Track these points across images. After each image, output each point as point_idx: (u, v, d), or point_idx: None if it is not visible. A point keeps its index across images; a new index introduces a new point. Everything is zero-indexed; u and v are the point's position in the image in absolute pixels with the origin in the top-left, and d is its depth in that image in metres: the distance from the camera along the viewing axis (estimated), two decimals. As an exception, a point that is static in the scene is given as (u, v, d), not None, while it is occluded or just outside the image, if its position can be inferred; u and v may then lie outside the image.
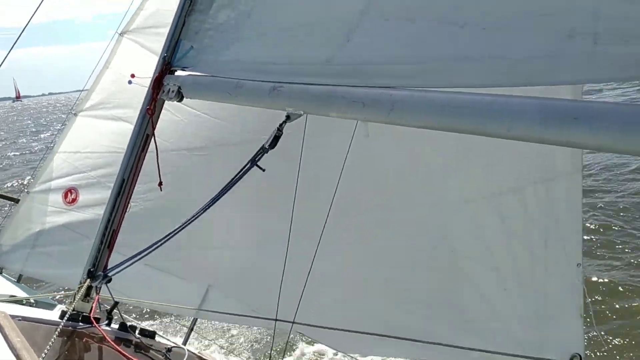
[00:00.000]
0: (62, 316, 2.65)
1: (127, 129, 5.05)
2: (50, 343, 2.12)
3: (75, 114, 5.23)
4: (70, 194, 5.01)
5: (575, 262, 2.96)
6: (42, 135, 39.98)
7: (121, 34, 5.31)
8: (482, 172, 3.13)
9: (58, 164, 5.12)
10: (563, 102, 1.39)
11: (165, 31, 5.02)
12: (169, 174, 3.89)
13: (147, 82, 5.12)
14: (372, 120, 1.95)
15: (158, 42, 5.14)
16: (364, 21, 2.18)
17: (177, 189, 4.51)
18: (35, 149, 31.53)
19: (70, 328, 2.67)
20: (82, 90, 5.98)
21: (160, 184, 3.04)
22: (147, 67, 5.11)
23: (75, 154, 5.12)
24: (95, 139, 5.14)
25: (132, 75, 5.18)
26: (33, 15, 4.03)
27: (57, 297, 5.10)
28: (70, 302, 3.00)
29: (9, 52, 4.31)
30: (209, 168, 4.53)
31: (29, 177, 5.64)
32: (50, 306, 3.75)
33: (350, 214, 3.51)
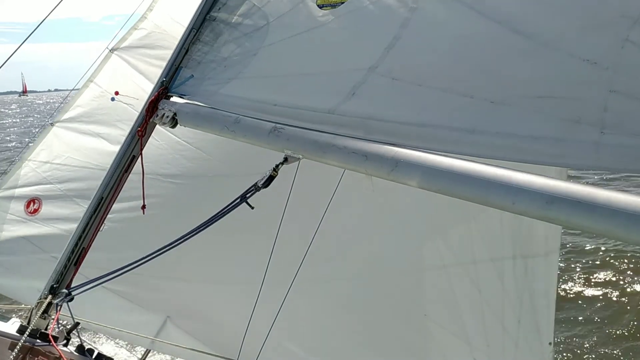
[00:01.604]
0: (20, 331, 2.53)
1: (102, 146, 5.00)
2: (10, 358, 2.02)
3: (52, 124, 5.13)
4: (32, 204, 4.86)
5: (547, 341, 3.00)
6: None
7: (111, 50, 5.28)
8: (462, 239, 3.18)
9: (26, 171, 4.97)
10: (571, 186, 1.45)
11: (156, 53, 5.12)
12: (140, 197, 3.83)
13: (131, 101, 5.13)
14: (373, 175, 1.98)
15: (147, 64, 5.17)
16: (372, 78, 2.23)
17: (146, 214, 4.43)
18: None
19: (28, 344, 2.55)
20: (73, 90, 5.87)
21: (143, 206, 2.98)
22: (133, 86, 5.14)
23: (45, 164, 4.99)
24: (68, 152, 5.03)
25: (116, 93, 5.17)
26: (52, 11, 3.99)
27: (3, 310, 4.87)
28: (27, 316, 2.87)
29: (20, 45, 4.22)
30: (182, 197, 4.48)
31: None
32: (3, 318, 3.58)
33: (325, 264, 3.50)
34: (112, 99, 5.14)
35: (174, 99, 2.93)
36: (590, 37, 1.81)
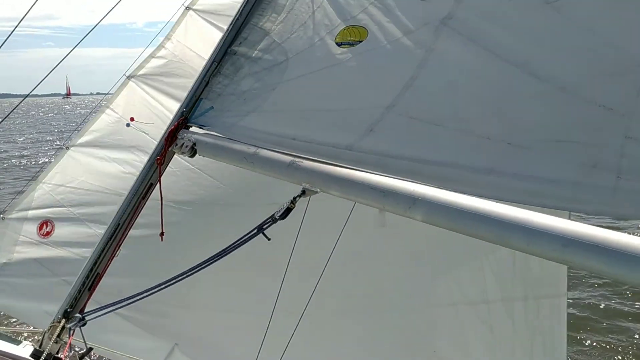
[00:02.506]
0: (35, 355, 2.55)
1: (116, 171, 5.07)
2: None
3: (67, 148, 5.20)
4: (45, 227, 4.91)
5: None
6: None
7: (128, 77, 5.40)
8: (474, 277, 3.19)
9: (40, 194, 5.04)
10: (588, 229, 1.48)
11: (173, 81, 5.22)
12: (151, 224, 3.87)
13: (146, 127, 5.21)
14: (390, 211, 2.01)
15: (163, 92, 5.28)
16: (389, 115, 2.28)
17: (157, 240, 4.46)
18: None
19: None
20: (107, 94, 5.98)
21: (162, 234, 3.01)
22: (149, 113, 5.23)
23: (59, 187, 5.06)
24: (82, 175, 5.10)
25: (132, 119, 5.26)
26: (103, 17, 4.11)
27: (11, 332, 4.87)
28: (38, 340, 2.89)
29: (71, 51, 4.36)
30: (193, 224, 4.52)
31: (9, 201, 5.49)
32: (14, 341, 3.58)
33: (335, 296, 3.51)
34: (128, 125, 5.24)
35: (193, 129, 2.99)
36: (606, 83, 1.87)
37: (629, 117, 1.72)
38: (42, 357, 2.43)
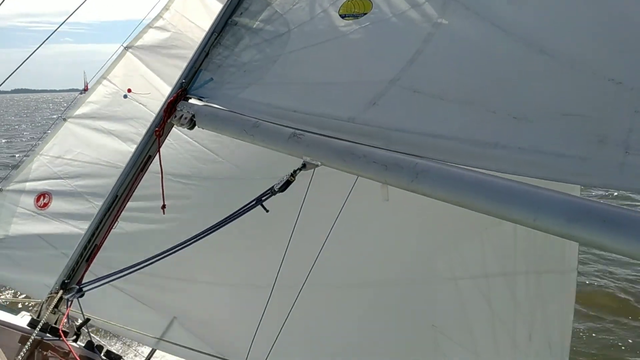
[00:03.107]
0: (32, 324, 2.55)
1: (113, 143, 5.03)
2: (22, 352, 2.03)
3: (65, 119, 5.15)
4: (43, 198, 4.88)
5: None
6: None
7: (126, 48, 5.32)
8: (474, 252, 3.18)
9: (37, 166, 5.00)
10: (592, 203, 1.46)
11: (171, 52, 5.15)
12: (149, 196, 3.84)
13: (143, 99, 5.16)
14: (392, 185, 1.98)
15: (161, 63, 5.21)
16: (393, 89, 2.24)
17: (155, 214, 4.45)
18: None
19: (38, 338, 2.56)
20: (74, 90, 5.93)
21: (163, 206, 2.99)
22: (146, 84, 5.16)
23: (57, 159, 5.02)
24: (80, 147, 5.07)
25: (129, 90, 5.21)
26: (71, 14, 4.04)
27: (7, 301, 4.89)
28: (36, 310, 2.89)
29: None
30: (191, 197, 4.50)
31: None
32: (10, 310, 3.59)
33: (335, 270, 3.50)
34: (125, 96, 5.18)
35: (193, 100, 2.95)
36: (615, 57, 1.83)
37: (638, 91, 1.69)
38: (38, 327, 2.42)
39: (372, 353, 3.52)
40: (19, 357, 2.00)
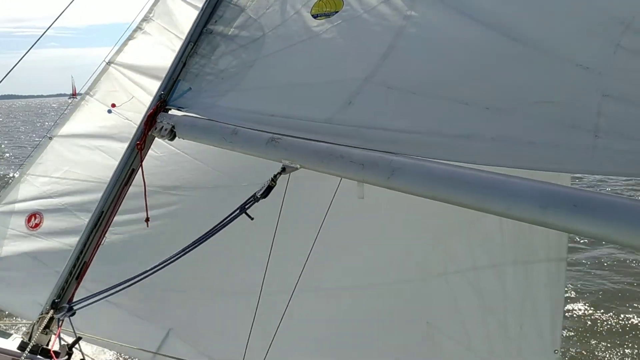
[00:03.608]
0: (21, 347, 2.54)
1: (101, 160, 5.01)
2: None
3: (50, 138, 5.13)
4: (34, 219, 4.86)
5: (552, 349, 2.99)
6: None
7: (108, 63, 5.30)
8: (462, 245, 3.18)
9: (25, 186, 4.98)
10: (565, 189, 1.46)
11: (153, 65, 5.14)
12: (139, 210, 3.84)
13: (128, 113, 5.15)
14: (370, 183, 1.98)
15: (144, 75, 5.19)
16: (368, 86, 2.25)
17: (145, 227, 4.44)
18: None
19: None
20: (62, 95, 5.93)
21: (147, 219, 2.98)
22: (129, 98, 5.15)
23: (45, 178, 5.00)
24: (67, 165, 5.04)
25: (113, 105, 5.19)
26: (55, 20, 4.04)
27: (5, 325, 4.86)
28: (28, 332, 2.88)
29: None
30: (182, 208, 4.49)
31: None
32: (4, 335, 3.57)
33: (326, 272, 3.50)
34: (109, 112, 5.16)
35: (173, 111, 2.95)
36: (583, 42, 1.84)
37: (606, 75, 1.70)
38: (27, 349, 2.41)
39: (367, 353, 3.51)
40: None
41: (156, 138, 3.00)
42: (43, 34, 3.93)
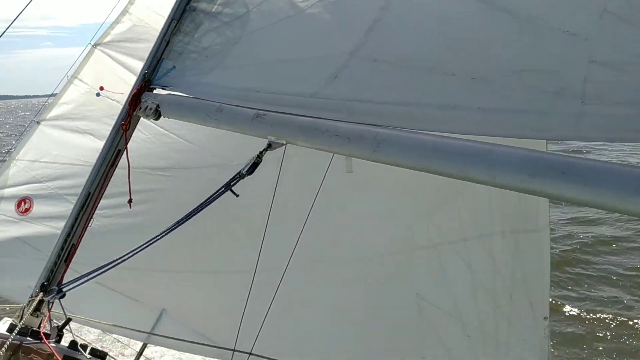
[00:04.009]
0: (10, 329, 2.53)
1: (90, 143, 4.96)
2: None
3: (38, 123, 5.08)
4: (23, 204, 4.83)
5: (542, 316, 3.01)
6: None
7: (94, 46, 5.23)
8: (451, 217, 3.18)
9: (14, 171, 4.94)
10: (552, 156, 1.44)
11: (139, 46, 5.08)
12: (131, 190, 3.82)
13: (117, 95, 5.10)
14: (356, 156, 1.96)
15: (131, 57, 5.13)
16: (353, 60, 2.22)
17: (137, 208, 4.41)
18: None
19: (17, 342, 2.54)
20: (51, 95, 5.86)
21: (130, 201, 2.96)
22: (118, 80, 5.10)
23: (34, 162, 4.96)
24: (56, 149, 5.00)
25: (101, 88, 5.13)
26: (15, 19, 3.95)
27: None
28: (19, 315, 2.87)
29: None
30: (172, 189, 4.47)
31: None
32: None
33: (316, 250, 3.49)
34: (98, 95, 5.10)
35: (157, 91, 2.90)
36: (569, 8, 1.80)
37: (593, 42, 1.67)
38: (15, 330, 2.40)
39: (358, 326, 3.53)
40: None
41: (144, 119, 2.96)
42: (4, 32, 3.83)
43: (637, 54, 1.53)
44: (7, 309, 4.16)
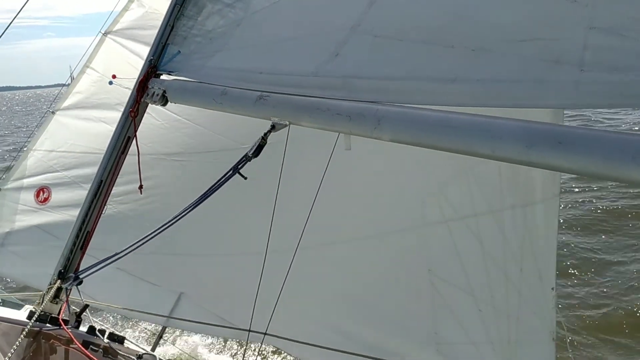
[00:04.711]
0: (29, 317, 2.60)
1: (104, 131, 5.01)
2: (16, 344, 2.07)
3: (53, 112, 5.15)
4: (42, 193, 4.92)
5: (550, 286, 3.00)
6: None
7: (105, 34, 5.26)
8: (461, 193, 3.16)
9: (32, 162, 5.03)
10: (548, 127, 1.43)
11: (149, 33, 5.08)
12: (144, 178, 3.86)
13: (129, 83, 5.11)
14: (358, 134, 1.96)
15: (141, 44, 5.15)
16: (354, 37, 2.20)
17: (152, 194, 4.47)
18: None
19: (36, 329, 2.61)
20: (61, 85, 5.93)
21: (140, 187, 3.00)
22: (129, 68, 5.12)
23: (50, 152, 5.04)
24: (72, 138, 5.07)
25: (114, 76, 5.15)
26: (16, 15, 3.99)
27: (24, 297, 4.99)
28: (39, 302, 2.94)
29: None
30: (186, 174, 4.51)
31: (2, 174, 5.55)
32: (17, 306, 3.66)
33: (327, 229, 3.51)
34: (110, 83, 5.14)
35: (164, 76, 2.92)
36: None
37: (593, 7, 1.63)
38: (34, 317, 2.46)
39: (371, 304, 3.54)
40: (13, 347, 2.04)
41: (157, 106, 2.97)
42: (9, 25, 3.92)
43: (636, 17, 1.49)
44: (27, 294, 4.26)
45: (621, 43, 1.49)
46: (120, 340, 3.00)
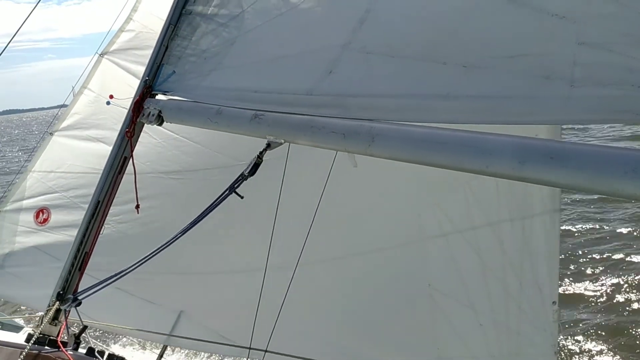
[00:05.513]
0: (28, 339, 2.59)
1: (103, 151, 5.02)
2: None
3: (51, 134, 5.17)
4: (42, 214, 4.92)
5: (551, 300, 2.98)
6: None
7: (101, 55, 5.29)
8: (459, 206, 3.16)
9: (31, 183, 5.03)
10: (540, 142, 1.43)
11: (145, 53, 5.11)
12: (144, 197, 3.86)
13: (126, 103, 5.12)
14: (353, 152, 1.97)
15: (138, 64, 5.17)
16: (346, 55, 2.21)
17: (151, 212, 4.47)
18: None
19: (35, 352, 2.60)
20: (62, 106, 5.95)
21: (137, 206, 3.00)
22: (126, 88, 5.14)
23: (49, 173, 5.05)
24: (70, 159, 5.08)
25: (111, 96, 5.18)
26: (17, 31, 4.02)
27: (24, 320, 4.97)
28: (37, 325, 2.93)
29: None
30: (184, 192, 4.51)
31: (1, 195, 5.57)
32: (16, 329, 3.65)
33: (327, 246, 3.51)
34: (108, 103, 5.16)
35: (159, 96, 2.93)
36: None
37: (581, 23, 1.64)
38: (32, 340, 2.45)
39: (372, 319, 3.53)
40: None
41: (155, 125, 2.98)
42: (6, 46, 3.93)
43: (624, 32, 1.50)
44: (27, 316, 4.25)
45: (610, 58, 1.50)
46: None
